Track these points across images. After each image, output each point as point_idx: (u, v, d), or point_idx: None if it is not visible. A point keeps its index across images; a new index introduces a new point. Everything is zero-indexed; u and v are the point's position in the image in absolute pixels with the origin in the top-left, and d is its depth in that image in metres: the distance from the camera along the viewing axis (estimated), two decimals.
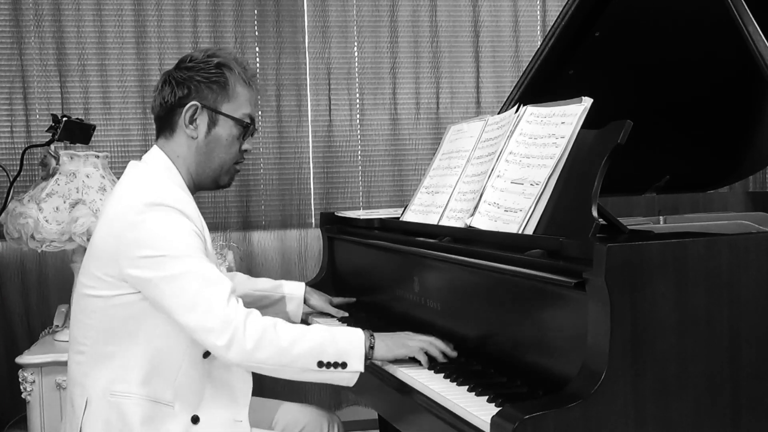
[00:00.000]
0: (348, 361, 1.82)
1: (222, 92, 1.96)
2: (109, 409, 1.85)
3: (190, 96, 1.94)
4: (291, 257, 3.93)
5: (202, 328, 1.78)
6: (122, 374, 1.85)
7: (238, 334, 1.76)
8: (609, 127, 1.72)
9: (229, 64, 1.97)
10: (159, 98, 1.98)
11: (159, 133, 2.01)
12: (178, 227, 1.83)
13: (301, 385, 3.86)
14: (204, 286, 1.79)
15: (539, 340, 1.66)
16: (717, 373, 1.49)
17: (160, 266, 1.79)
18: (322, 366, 1.81)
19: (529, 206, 1.80)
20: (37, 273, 3.69)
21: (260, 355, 1.78)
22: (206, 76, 1.95)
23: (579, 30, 2.42)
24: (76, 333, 1.93)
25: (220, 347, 1.77)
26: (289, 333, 1.81)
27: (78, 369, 1.91)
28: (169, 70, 2.01)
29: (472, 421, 1.54)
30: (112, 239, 1.84)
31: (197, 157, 1.97)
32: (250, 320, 1.79)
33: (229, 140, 1.98)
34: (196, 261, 1.81)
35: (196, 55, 1.98)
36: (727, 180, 2.82)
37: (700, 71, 2.48)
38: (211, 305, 1.78)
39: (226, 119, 1.97)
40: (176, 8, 3.78)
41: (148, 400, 1.85)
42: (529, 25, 4.11)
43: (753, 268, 1.52)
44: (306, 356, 1.80)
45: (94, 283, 1.87)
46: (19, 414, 3.35)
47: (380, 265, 2.44)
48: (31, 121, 3.68)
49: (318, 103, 3.94)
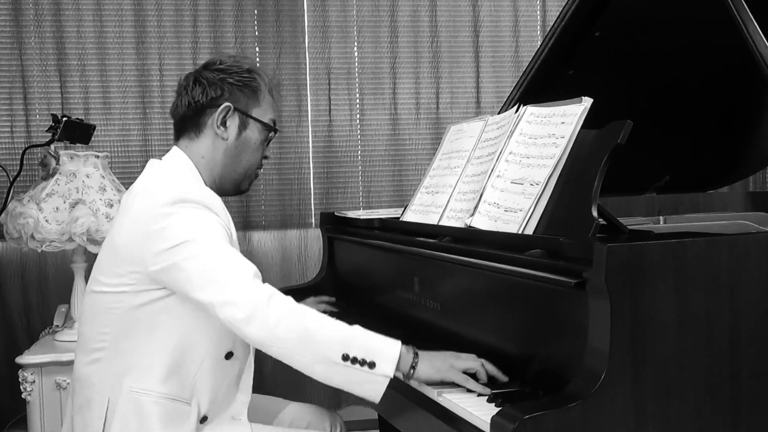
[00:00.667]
0: (377, 361, 1.67)
1: (253, 96, 1.97)
2: (127, 406, 1.83)
3: (223, 97, 1.94)
4: (291, 257, 3.93)
5: (221, 300, 1.70)
6: (143, 372, 1.83)
7: (260, 308, 1.69)
8: (609, 127, 1.72)
9: (258, 71, 1.99)
10: (187, 98, 1.95)
11: (182, 134, 1.98)
12: (204, 220, 1.81)
13: (302, 384, 3.85)
14: (226, 262, 1.75)
15: (539, 340, 1.66)
16: (717, 372, 1.49)
17: (182, 250, 1.76)
18: (347, 360, 1.66)
19: (529, 206, 1.80)
20: (37, 273, 3.69)
21: (282, 332, 1.68)
22: (239, 80, 1.95)
23: (579, 30, 2.42)
24: (91, 332, 1.89)
25: (239, 320, 1.69)
26: (318, 317, 1.72)
27: (94, 368, 1.88)
28: (195, 71, 1.99)
29: (472, 421, 1.54)
30: (138, 238, 1.81)
31: (224, 160, 1.96)
32: (276, 298, 1.72)
33: (256, 144, 1.99)
34: (219, 243, 1.78)
35: (224, 59, 1.99)
36: (727, 180, 2.82)
37: (700, 71, 2.48)
38: (231, 278, 1.73)
39: (256, 123, 1.97)
40: (176, 8, 3.78)
41: (168, 398, 1.84)
42: (529, 25, 4.10)
43: (753, 268, 1.52)
44: (332, 343, 1.68)
45: (117, 281, 1.84)
46: (19, 414, 3.34)
47: (380, 265, 2.44)
48: (31, 121, 3.68)
49: (318, 103, 3.94)
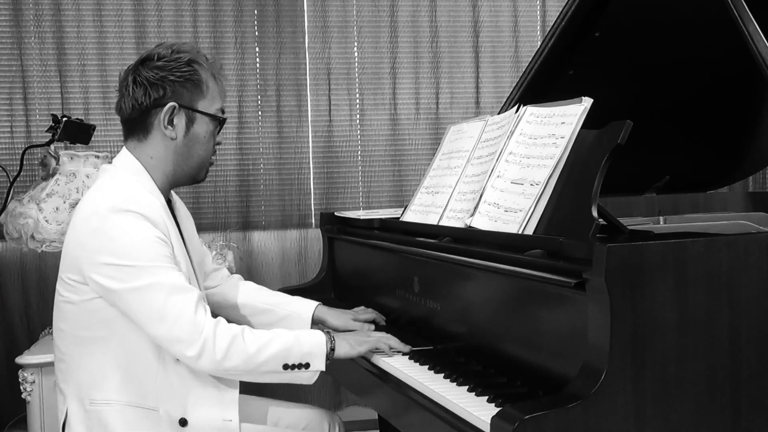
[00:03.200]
0: (311, 362, 1.89)
1: (196, 90, 1.92)
2: (90, 418, 1.84)
3: (166, 96, 1.89)
4: (291, 257, 3.93)
5: (171, 338, 1.78)
6: (98, 381, 1.84)
7: (208, 345, 1.78)
8: (609, 127, 1.72)
9: (198, 60, 1.93)
10: (130, 100, 1.90)
11: (130, 135, 1.94)
12: (142, 234, 1.80)
13: (301, 386, 3.85)
14: (170, 295, 1.77)
15: (539, 340, 1.66)
16: (717, 372, 1.49)
17: (125, 277, 1.77)
18: (288, 368, 1.87)
19: (529, 206, 1.80)
20: (37, 273, 3.69)
21: (230, 363, 1.80)
22: (180, 75, 1.89)
23: (579, 30, 2.42)
24: (56, 340, 1.92)
25: (190, 357, 1.79)
26: (257, 340, 1.84)
27: (59, 375, 1.91)
28: (134, 69, 1.91)
29: (472, 421, 1.53)
30: (77, 244, 1.83)
31: (175, 158, 1.94)
32: (219, 330, 1.80)
33: (206, 137, 1.96)
34: (160, 270, 1.79)
35: (162, 53, 1.90)
36: (727, 180, 2.82)
37: (700, 71, 2.47)
38: (178, 316, 1.77)
39: (203, 116, 1.94)
40: (176, 8, 3.78)
41: (130, 405, 1.84)
42: (529, 25, 4.10)
43: (753, 268, 1.52)
44: (273, 361, 1.85)
45: (64, 288, 1.87)
46: (19, 414, 3.34)
47: (380, 265, 2.44)
48: (31, 121, 3.69)
49: (318, 103, 3.94)
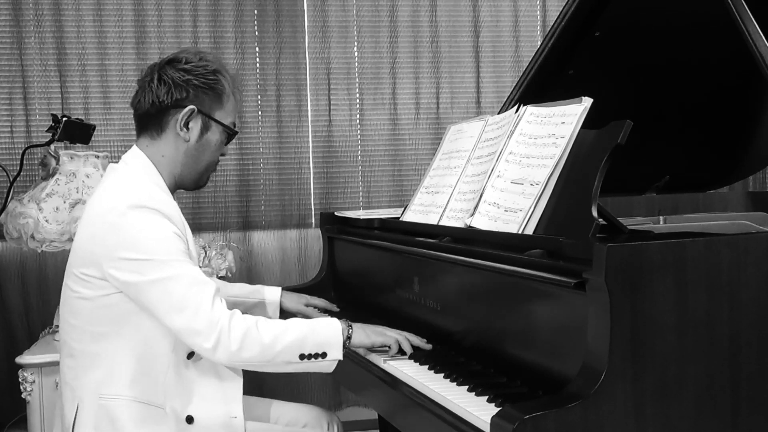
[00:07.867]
0: (328, 351, 1.88)
1: (217, 99, 1.97)
2: (99, 412, 1.86)
3: (188, 99, 1.93)
4: (291, 257, 3.92)
5: (188, 330, 1.80)
6: (110, 376, 1.86)
7: (223, 336, 1.80)
8: (609, 127, 1.72)
9: (223, 72, 1.98)
10: (151, 96, 1.93)
11: (143, 131, 1.97)
12: (160, 229, 1.83)
13: (301, 384, 3.86)
14: (189, 288, 1.81)
15: (539, 340, 1.66)
16: (717, 373, 1.49)
17: (144, 270, 1.80)
18: (304, 358, 1.86)
19: (529, 206, 1.80)
20: (37, 273, 3.69)
21: (246, 354, 1.82)
22: (204, 82, 1.94)
23: (579, 30, 2.42)
24: (65, 336, 1.94)
25: (207, 349, 1.80)
26: (271, 330, 1.85)
27: (68, 372, 1.92)
28: (159, 67, 1.95)
29: (472, 421, 1.53)
30: (94, 241, 1.85)
31: (185, 159, 1.97)
32: (235, 321, 1.82)
33: (216, 145, 2.00)
34: (179, 264, 1.83)
35: (190, 57, 1.95)
36: (727, 180, 2.82)
37: (700, 71, 2.47)
38: (197, 307, 1.80)
39: (218, 126, 1.98)
40: (176, 8, 3.78)
41: (138, 401, 1.86)
42: (529, 25, 4.10)
43: (753, 268, 1.52)
44: (288, 350, 1.85)
45: (78, 284, 1.88)
46: (19, 414, 3.34)
47: (380, 265, 2.44)
48: (31, 121, 3.68)
49: (318, 103, 3.94)
